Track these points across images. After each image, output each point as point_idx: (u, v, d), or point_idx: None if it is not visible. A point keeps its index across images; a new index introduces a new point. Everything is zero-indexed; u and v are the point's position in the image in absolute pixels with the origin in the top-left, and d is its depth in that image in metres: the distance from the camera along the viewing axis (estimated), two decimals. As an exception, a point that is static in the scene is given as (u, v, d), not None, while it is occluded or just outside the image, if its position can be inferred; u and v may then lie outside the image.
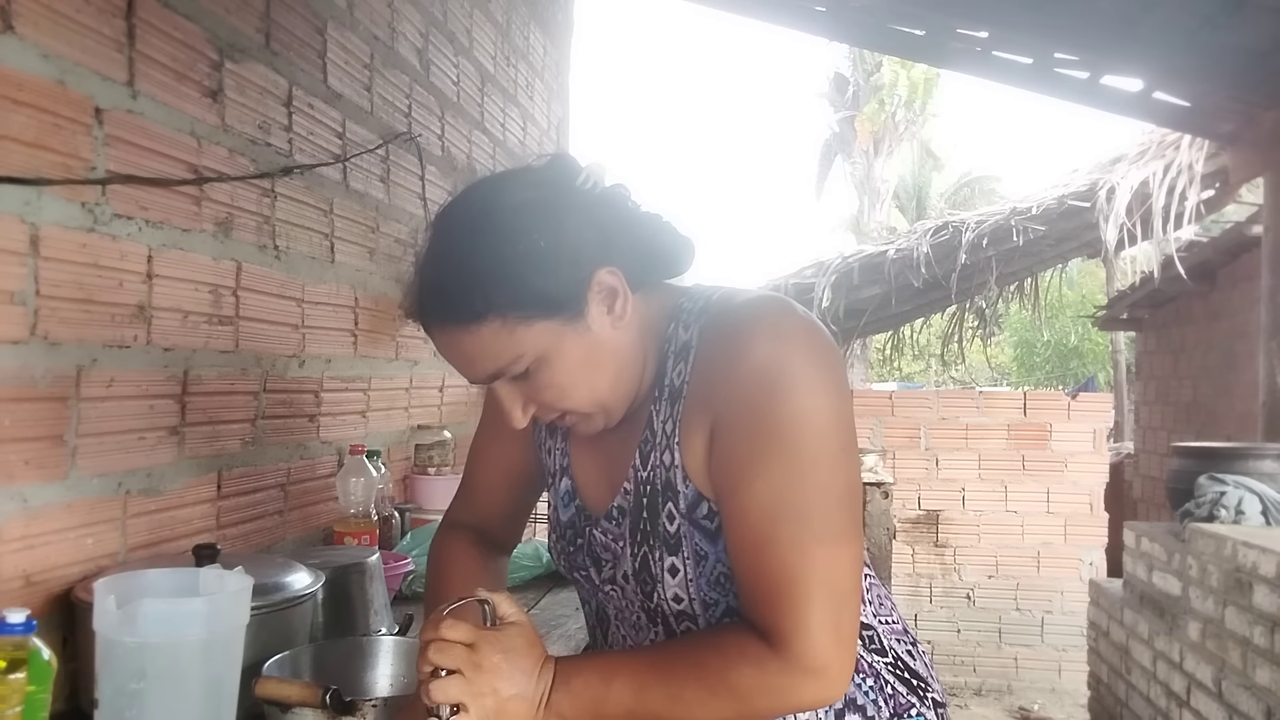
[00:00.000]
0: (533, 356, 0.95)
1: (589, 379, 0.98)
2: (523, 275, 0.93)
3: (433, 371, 2.68)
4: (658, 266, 1.05)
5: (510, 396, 1.00)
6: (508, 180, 1.01)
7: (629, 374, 1.01)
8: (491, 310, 0.93)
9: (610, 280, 0.97)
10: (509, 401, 1.00)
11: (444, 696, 0.89)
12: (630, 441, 1.04)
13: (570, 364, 0.97)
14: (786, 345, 0.94)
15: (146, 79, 1.48)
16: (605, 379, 0.99)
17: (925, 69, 17.08)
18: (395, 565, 1.82)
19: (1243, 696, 2.69)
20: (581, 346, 0.97)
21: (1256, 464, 3.28)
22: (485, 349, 0.95)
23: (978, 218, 5.90)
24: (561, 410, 1.01)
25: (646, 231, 1.04)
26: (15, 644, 0.94)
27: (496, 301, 0.92)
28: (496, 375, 0.98)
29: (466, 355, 0.97)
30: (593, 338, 0.97)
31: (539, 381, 0.97)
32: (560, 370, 0.97)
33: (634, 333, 1.01)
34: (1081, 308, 13.60)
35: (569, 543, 1.13)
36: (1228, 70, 3.65)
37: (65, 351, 1.33)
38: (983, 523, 5.53)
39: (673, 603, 1.02)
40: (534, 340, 0.94)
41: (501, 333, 0.94)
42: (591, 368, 0.98)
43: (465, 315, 0.94)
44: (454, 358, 0.99)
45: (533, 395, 0.99)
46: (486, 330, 0.93)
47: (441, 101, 2.70)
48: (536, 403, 1.00)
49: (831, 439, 0.93)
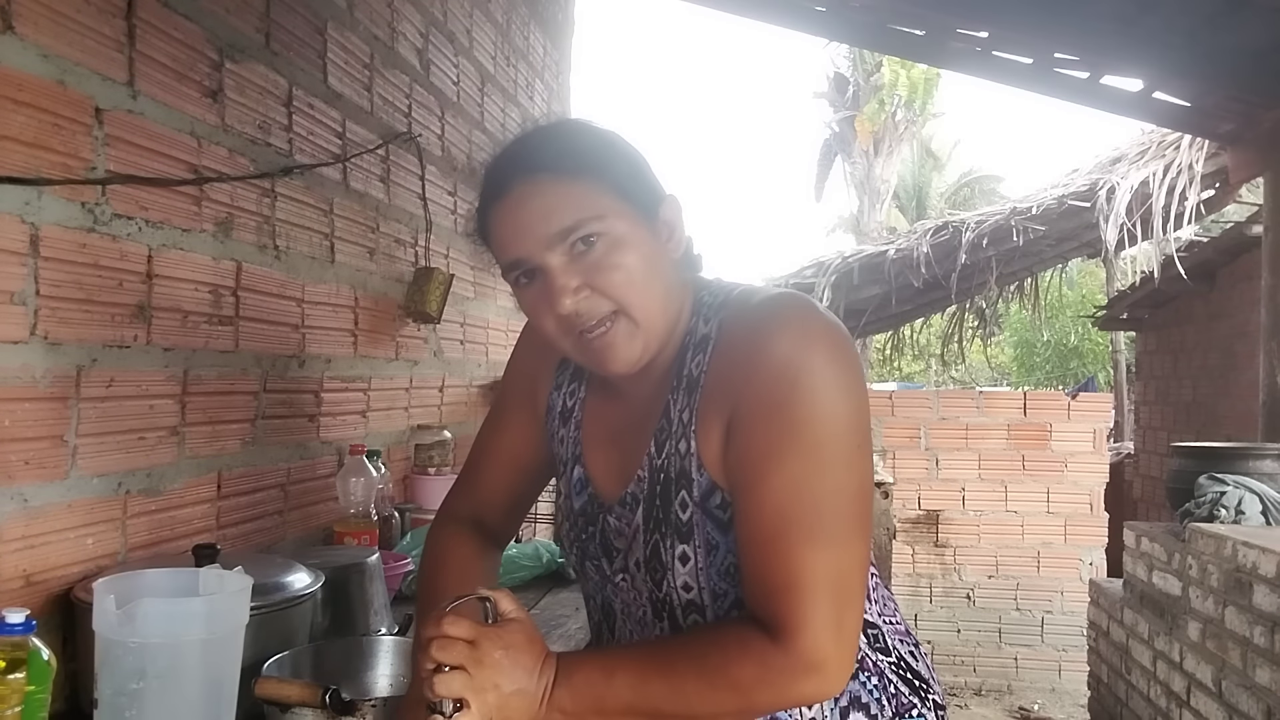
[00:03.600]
0: (610, 229, 0.98)
1: (650, 280, 1.00)
2: (624, 165, 1.01)
3: (433, 371, 2.68)
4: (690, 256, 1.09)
5: (568, 272, 0.97)
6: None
7: (672, 309, 1.03)
8: (594, 171, 0.98)
9: (673, 213, 1.04)
10: (565, 277, 0.97)
11: (447, 691, 0.89)
12: (645, 430, 1.05)
13: (640, 255, 0.99)
14: (809, 343, 0.94)
15: (146, 79, 1.48)
16: (660, 292, 1.01)
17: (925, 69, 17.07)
18: (395, 565, 1.82)
19: (1243, 696, 2.69)
20: (649, 247, 1.00)
21: (1256, 464, 3.28)
22: (574, 201, 0.97)
23: (978, 218, 5.91)
24: (617, 303, 0.98)
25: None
26: (15, 644, 0.94)
27: (601, 167, 0.99)
28: (570, 231, 0.96)
29: (548, 207, 0.97)
30: (658, 246, 1.02)
31: (607, 260, 0.97)
32: (628, 254, 0.98)
33: (679, 278, 1.05)
34: (1081, 308, 13.60)
35: (581, 530, 1.13)
36: (1228, 70, 3.65)
37: (65, 351, 1.33)
38: (983, 523, 5.53)
39: (682, 591, 1.03)
40: (617, 215, 0.98)
41: (594, 192, 0.97)
42: (654, 272, 1.00)
43: (570, 166, 0.98)
44: (532, 213, 0.97)
45: (595, 277, 0.97)
46: (582, 185, 0.97)
47: (441, 101, 2.70)
48: (595, 286, 0.97)
49: (848, 438, 0.94)
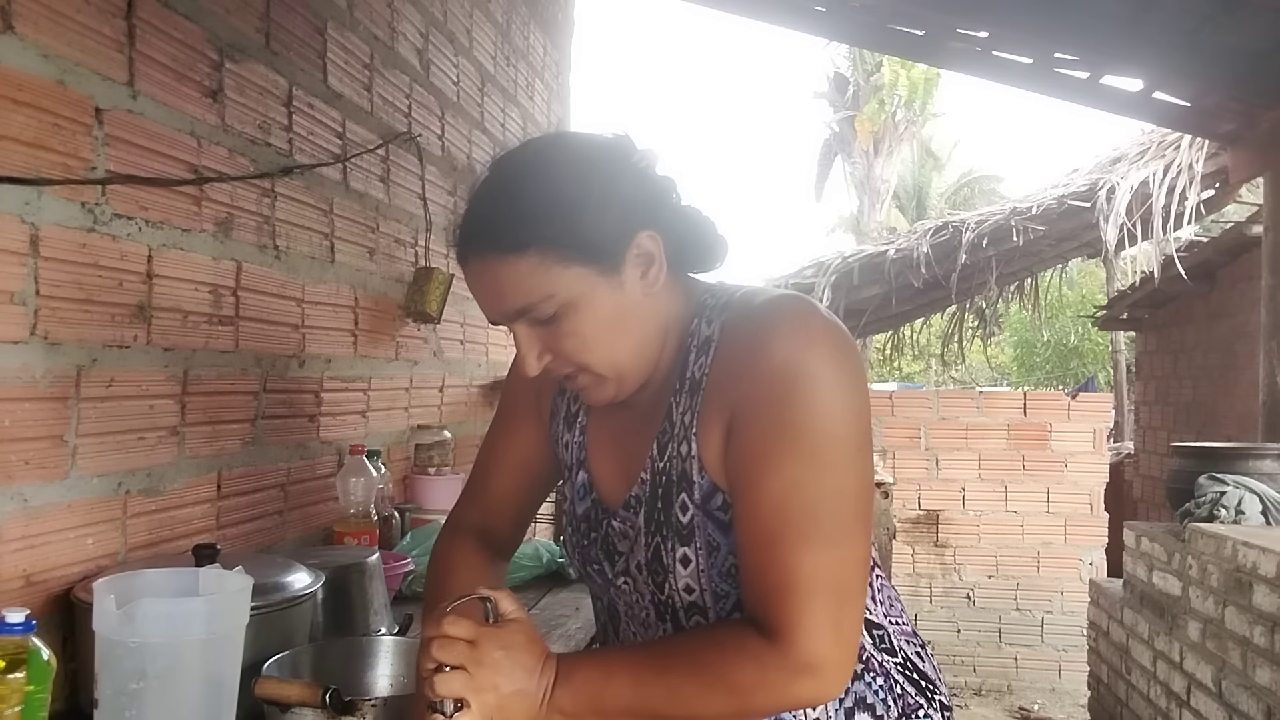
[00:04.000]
0: (563, 300, 0.96)
1: (612, 337, 0.99)
2: (570, 218, 0.95)
3: (433, 371, 2.68)
4: (692, 256, 1.07)
5: (529, 340, 1.00)
6: (571, 135, 1.06)
7: (649, 348, 1.02)
8: (535, 243, 0.94)
9: (650, 245, 0.99)
10: (527, 345, 1.00)
11: (447, 691, 0.90)
12: (648, 433, 1.05)
13: (597, 317, 0.97)
14: (809, 344, 0.94)
15: (146, 79, 1.48)
16: (627, 343, 1.00)
17: (925, 69, 17.07)
18: (395, 565, 1.82)
19: (1243, 696, 2.69)
20: (611, 302, 0.97)
21: (1256, 464, 3.28)
22: (520, 282, 0.95)
23: (978, 218, 5.91)
24: (577, 365, 1.00)
25: (688, 222, 1.06)
26: (15, 644, 0.94)
27: (542, 235, 0.94)
28: (523, 312, 0.97)
29: (499, 288, 0.97)
30: (623, 297, 0.98)
31: (563, 328, 0.97)
32: (587, 321, 0.97)
33: (660, 308, 1.02)
34: (1081, 308, 13.60)
35: (583, 535, 1.13)
36: (1228, 70, 3.65)
37: (65, 351, 1.33)
38: (983, 523, 5.53)
39: (684, 594, 1.03)
40: (568, 283, 0.95)
41: (539, 268, 0.94)
42: (616, 327, 0.99)
43: (508, 244, 0.95)
44: (485, 290, 0.99)
45: (553, 343, 0.99)
46: (525, 263, 0.94)
47: (441, 101, 2.70)
48: (555, 352, 1.00)
49: (848, 439, 0.94)
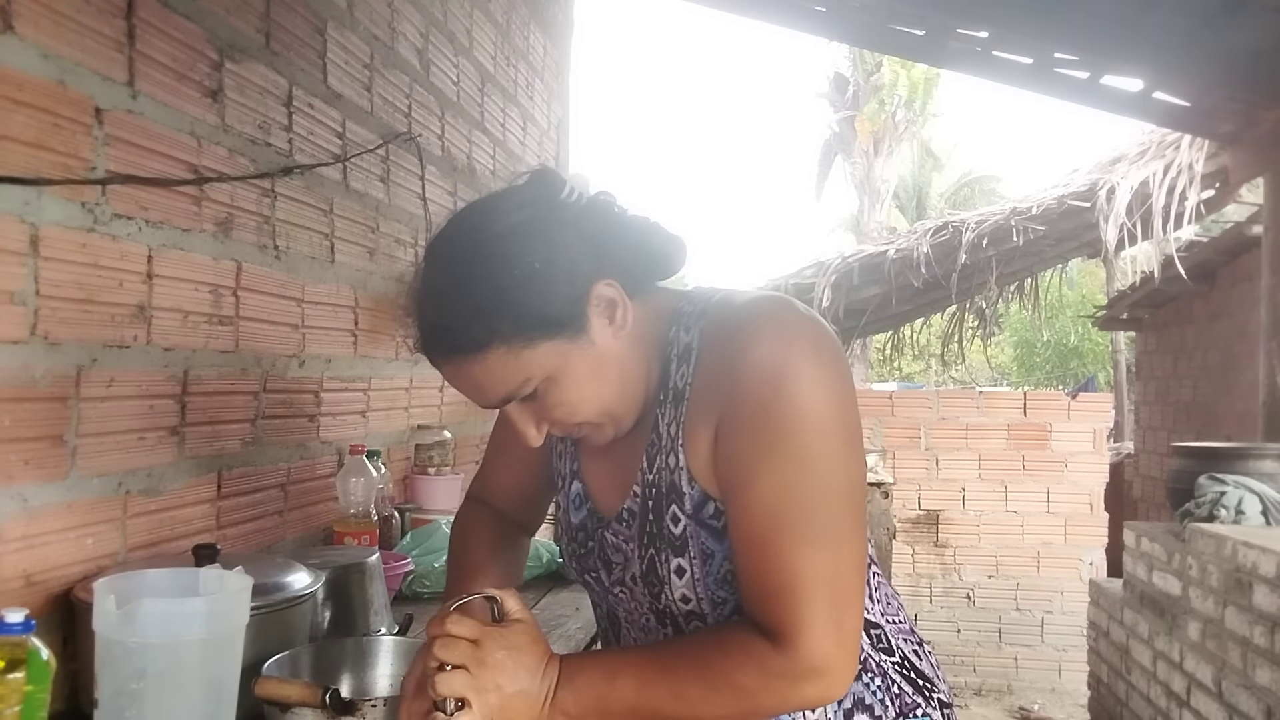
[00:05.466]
0: (540, 377, 0.96)
1: (597, 392, 0.99)
2: (521, 300, 0.93)
3: (433, 372, 2.67)
4: (652, 270, 1.06)
5: (523, 417, 1.01)
6: (492, 206, 1.00)
7: (635, 381, 1.02)
8: (495, 339, 0.93)
9: (608, 292, 0.98)
10: (522, 423, 1.01)
11: (449, 690, 0.90)
12: (638, 445, 1.05)
13: (578, 380, 0.97)
14: (788, 342, 0.94)
15: (146, 79, 1.48)
16: (612, 389, 1.00)
17: (925, 69, 17.07)
18: (395, 565, 1.82)
19: (1243, 696, 2.69)
20: (586, 361, 0.97)
21: (1256, 464, 3.28)
22: (493, 377, 0.95)
23: (978, 218, 5.91)
24: (574, 426, 1.02)
25: (637, 236, 1.04)
26: (14, 644, 0.94)
27: (499, 330, 0.93)
28: (507, 399, 0.98)
29: (475, 384, 0.97)
30: (596, 351, 0.98)
31: (549, 401, 0.98)
32: (568, 387, 0.97)
33: (636, 340, 1.01)
34: (1081, 308, 13.60)
35: (580, 545, 1.13)
36: (1228, 70, 3.65)
37: (65, 351, 1.33)
38: (983, 523, 5.53)
39: (680, 603, 1.03)
40: (540, 361, 0.95)
41: (507, 359, 0.94)
42: (598, 380, 0.98)
43: (469, 347, 0.94)
44: (463, 387, 0.99)
45: (544, 414, 1.00)
46: (492, 358, 0.94)
47: (441, 101, 2.70)
48: (549, 420, 1.01)
49: (834, 436, 0.93)
